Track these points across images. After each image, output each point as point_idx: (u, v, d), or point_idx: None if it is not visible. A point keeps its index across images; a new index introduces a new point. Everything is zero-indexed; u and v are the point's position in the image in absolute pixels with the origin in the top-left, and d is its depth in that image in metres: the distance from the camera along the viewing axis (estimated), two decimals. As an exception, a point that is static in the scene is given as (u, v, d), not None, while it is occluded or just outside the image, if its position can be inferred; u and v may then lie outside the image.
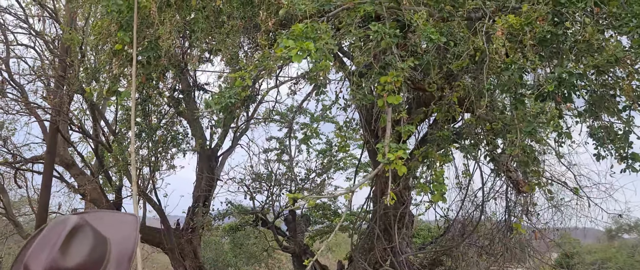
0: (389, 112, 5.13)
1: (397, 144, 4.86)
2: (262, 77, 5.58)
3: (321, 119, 14.17)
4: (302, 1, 4.84)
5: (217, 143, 13.95)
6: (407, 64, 4.98)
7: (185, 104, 13.04)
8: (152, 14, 5.84)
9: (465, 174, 9.16)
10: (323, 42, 4.62)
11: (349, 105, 7.35)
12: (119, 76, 6.45)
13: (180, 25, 8.43)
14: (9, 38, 13.22)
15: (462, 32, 5.45)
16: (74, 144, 14.15)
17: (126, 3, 5.56)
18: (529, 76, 5.58)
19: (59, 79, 12.58)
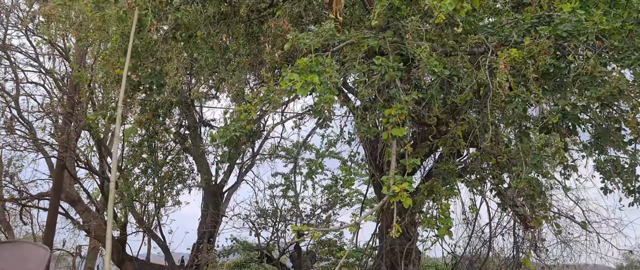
0: (394, 144, 5.14)
1: (402, 177, 4.84)
2: (267, 111, 5.62)
3: (326, 155, 14.20)
4: (306, 36, 4.93)
5: (222, 179, 13.95)
6: (411, 97, 5.02)
7: (191, 140, 13.12)
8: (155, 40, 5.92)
9: (471, 209, 9.08)
10: (327, 75, 4.67)
11: (353, 139, 7.36)
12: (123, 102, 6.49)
13: (187, 62, 8.57)
14: (19, 76, 13.45)
15: (465, 67, 5.50)
16: (80, 181, 14.17)
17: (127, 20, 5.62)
18: (534, 109, 5.60)
19: (67, 116, 12.71)
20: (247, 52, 8.02)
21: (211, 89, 12.26)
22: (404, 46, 5.20)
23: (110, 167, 13.99)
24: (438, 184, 6.31)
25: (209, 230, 13.15)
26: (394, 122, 4.96)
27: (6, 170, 13.79)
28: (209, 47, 6.59)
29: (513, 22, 5.61)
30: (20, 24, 12.73)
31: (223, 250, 13.78)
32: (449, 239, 8.23)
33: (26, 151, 12.98)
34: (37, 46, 13.45)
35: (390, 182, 4.79)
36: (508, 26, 5.62)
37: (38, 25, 13.05)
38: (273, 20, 6.02)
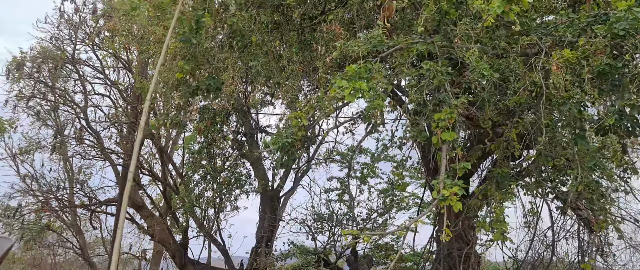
0: (444, 148, 5.15)
1: (452, 180, 4.86)
2: (319, 118, 5.76)
3: (381, 158, 14.22)
4: (355, 43, 5.03)
5: (279, 184, 14.25)
6: (461, 101, 5.03)
7: (248, 146, 13.50)
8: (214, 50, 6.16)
9: (532, 213, 8.88)
10: (376, 81, 4.76)
11: (404, 143, 7.38)
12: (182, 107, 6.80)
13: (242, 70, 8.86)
14: (87, 88, 14.25)
15: (518, 68, 5.44)
16: (144, 187, 14.85)
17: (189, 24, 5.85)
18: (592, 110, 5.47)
19: (131, 125, 13.38)
20: (301, 60, 8.21)
21: (266, 96, 12.59)
22: (453, 50, 5.22)
23: (172, 173, 14.61)
24: (492, 187, 6.25)
25: (267, 234, 13.46)
26: (443, 126, 4.98)
27: (77, 178, 14.65)
28: (263, 53, 6.80)
29: (568, 22, 5.50)
30: (88, 39, 13.51)
31: (281, 254, 14.06)
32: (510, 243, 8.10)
33: (95, 160, 13.72)
34: (103, 59, 14.23)
35: (440, 186, 4.81)
36: (562, 26, 5.52)
37: (103, 39, 13.82)
38: (326, 25, 6.16)
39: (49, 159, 14.82)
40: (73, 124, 13.83)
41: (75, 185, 14.59)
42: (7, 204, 14.67)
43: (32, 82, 13.87)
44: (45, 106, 14.25)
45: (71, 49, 13.62)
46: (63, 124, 14.36)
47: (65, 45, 13.63)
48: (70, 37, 13.46)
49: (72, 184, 14.92)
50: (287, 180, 14.23)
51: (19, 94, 14.11)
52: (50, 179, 14.91)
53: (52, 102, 14.13)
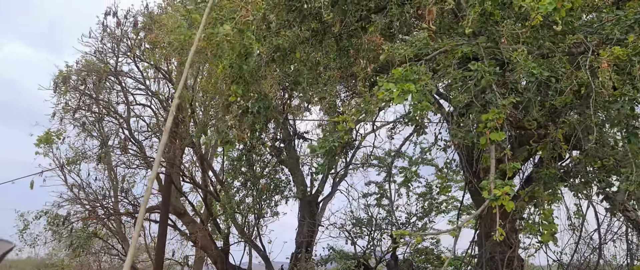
0: (492, 149, 5.13)
1: (503, 181, 4.84)
2: (363, 120, 5.81)
3: (420, 162, 14.15)
4: (401, 47, 5.08)
5: (317, 189, 14.33)
6: (509, 101, 5.01)
7: (286, 152, 13.64)
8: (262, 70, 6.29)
9: (577, 215, 8.71)
10: (423, 83, 4.79)
11: (449, 145, 7.36)
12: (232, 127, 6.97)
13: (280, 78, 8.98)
14: (129, 99, 14.66)
15: (564, 67, 5.39)
16: (185, 194, 15.15)
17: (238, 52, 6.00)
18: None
19: (173, 134, 13.68)
20: (338, 66, 8.28)
21: (303, 102, 12.71)
22: (499, 51, 5.20)
23: (212, 179, 14.86)
24: (539, 188, 6.18)
25: (307, 239, 13.54)
26: (491, 126, 4.97)
27: (121, 186, 15.04)
28: (307, 67, 6.90)
29: (614, 19, 5.42)
30: (129, 52, 13.89)
31: (320, 259, 14.10)
32: (554, 246, 7.95)
33: (138, 169, 14.06)
34: (144, 71, 14.61)
35: (491, 186, 4.80)
36: (609, 24, 5.44)
37: (144, 51, 14.20)
38: (366, 36, 6.22)
39: (95, 169, 15.28)
40: (117, 134, 14.22)
41: (119, 193, 14.99)
42: (56, 213, 15.17)
43: (78, 94, 14.34)
44: (90, 118, 14.70)
45: (114, 61, 14.03)
46: (107, 134, 14.80)
47: (108, 58, 14.05)
48: (113, 50, 13.87)
49: (116, 193, 15.33)
50: (325, 186, 14.29)
51: (66, 106, 14.60)
52: (96, 188, 15.36)
53: (96, 114, 14.58)
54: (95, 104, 14.59)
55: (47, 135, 15.09)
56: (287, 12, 7.03)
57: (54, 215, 15.13)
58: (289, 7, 6.98)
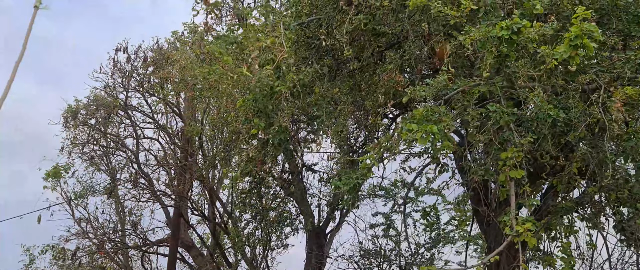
0: (512, 185, 5.34)
1: (525, 217, 5.03)
2: (385, 158, 6.03)
3: (425, 192, 14.30)
4: (422, 89, 5.32)
5: (324, 221, 14.43)
6: (527, 140, 5.23)
7: (294, 184, 13.79)
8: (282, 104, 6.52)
9: (589, 245, 8.85)
10: (444, 124, 5.02)
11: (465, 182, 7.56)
12: (253, 159, 7.15)
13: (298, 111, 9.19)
14: (138, 133, 14.87)
15: (577, 106, 5.63)
16: (193, 227, 15.24)
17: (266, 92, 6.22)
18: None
19: (182, 168, 13.85)
20: (351, 101, 8.53)
21: (311, 134, 12.92)
22: (515, 90, 5.45)
23: (220, 211, 14.97)
24: (555, 221, 6.36)
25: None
26: (511, 164, 5.18)
27: (129, 219, 15.15)
28: (325, 101, 7.14)
29: (624, 59, 5.69)
30: (139, 87, 14.17)
31: (330, 291, 14.13)
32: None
33: (148, 202, 14.18)
34: (153, 105, 14.86)
35: (512, 223, 4.98)
36: (619, 62, 5.71)
37: (153, 85, 14.48)
38: (385, 74, 6.48)
39: (103, 203, 15.39)
40: (127, 168, 14.39)
41: (127, 227, 15.08)
42: (62, 247, 15.22)
43: (87, 128, 14.55)
44: (98, 151, 14.89)
45: (123, 96, 14.29)
46: (115, 167, 14.97)
47: (118, 93, 14.31)
48: (123, 85, 14.14)
49: (123, 226, 15.42)
50: (333, 217, 14.40)
51: (74, 140, 14.80)
52: (103, 222, 15.45)
53: (105, 147, 14.77)
54: (103, 138, 14.79)
55: (55, 170, 15.25)
56: (305, 49, 7.30)
57: (59, 249, 15.18)
58: (308, 44, 7.26)
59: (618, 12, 6.33)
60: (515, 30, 4.97)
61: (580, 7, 4.82)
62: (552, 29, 4.98)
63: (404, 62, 6.79)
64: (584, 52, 4.66)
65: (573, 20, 4.74)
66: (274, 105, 6.15)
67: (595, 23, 6.35)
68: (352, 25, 6.43)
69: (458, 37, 5.32)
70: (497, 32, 5.03)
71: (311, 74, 6.69)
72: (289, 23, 6.57)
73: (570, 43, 4.64)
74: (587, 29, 4.59)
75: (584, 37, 4.59)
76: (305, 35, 7.05)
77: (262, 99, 6.06)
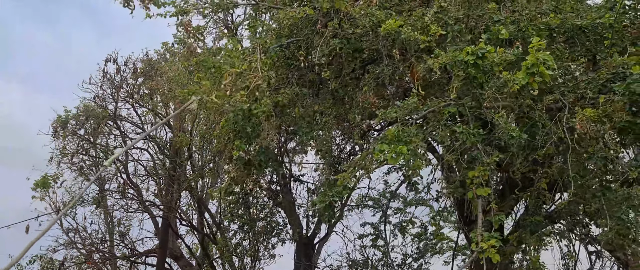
0: (479, 203, 5.66)
1: (490, 233, 5.35)
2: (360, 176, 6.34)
3: (414, 203, 14.62)
4: (393, 110, 5.65)
5: (313, 231, 14.72)
6: (493, 159, 5.57)
7: (282, 195, 14.09)
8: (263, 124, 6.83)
9: (569, 257, 9.19)
10: (414, 144, 5.34)
11: (441, 195, 7.89)
12: (238, 179, 7.44)
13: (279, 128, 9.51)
14: (127, 143, 15.13)
15: (544, 124, 5.97)
16: (182, 237, 15.51)
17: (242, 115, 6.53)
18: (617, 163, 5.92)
19: (171, 178, 14.14)
20: (334, 114, 8.86)
21: (299, 145, 13.24)
22: (482, 111, 5.79)
23: (208, 222, 15.24)
24: (526, 235, 6.70)
25: (303, 282, 13.87)
26: (477, 182, 5.51)
27: (118, 230, 15.40)
28: (305, 120, 7.46)
29: (588, 79, 6.05)
30: (128, 97, 14.45)
31: (318, 301, 14.40)
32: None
33: (136, 213, 14.44)
34: (143, 115, 15.15)
35: (478, 239, 5.30)
36: (583, 83, 6.07)
37: (143, 96, 14.77)
38: (361, 96, 6.81)
39: (91, 212, 15.63)
40: (115, 178, 14.65)
41: (116, 237, 15.33)
42: (51, 257, 15.44)
43: (76, 139, 14.81)
44: (87, 162, 15.15)
45: (113, 106, 14.58)
46: (104, 177, 15.23)
47: (107, 103, 14.59)
48: (113, 95, 14.42)
49: (112, 236, 15.66)
50: (321, 227, 14.70)
51: (63, 150, 15.05)
52: (91, 232, 15.69)
53: (94, 158, 15.03)
54: (92, 148, 15.05)
55: (44, 180, 15.48)
56: (286, 69, 7.64)
57: (48, 259, 15.40)
58: (288, 65, 7.59)
59: (584, 34, 6.70)
60: (480, 55, 5.32)
61: (535, 38, 5.17)
62: (514, 55, 5.33)
63: (378, 83, 7.14)
64: (540, 79, 5.00)
65: (530, 50, 5.09)
66: (252, 127, 6.45)
67: (563, 43, 6.78)
68: (329, 47, 6.76)
69: (427, 61, 5.66)
70: (464, 56, 5.38)
71: (290, 94, 7.01)
72: (268, 46, 6.90)
73: (527, 71, 4.99)
74: (542, 58, 4.94)
75: (540, 65, 4.94)
76: (285, 56, 7.39)
77: (240, 122, 6.35)
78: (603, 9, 6.64)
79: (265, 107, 6.05)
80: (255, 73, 5.89)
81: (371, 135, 9.59)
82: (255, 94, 5.99)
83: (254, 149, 6.95)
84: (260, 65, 6.02)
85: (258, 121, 6.36)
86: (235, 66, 5.95)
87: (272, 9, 7.81)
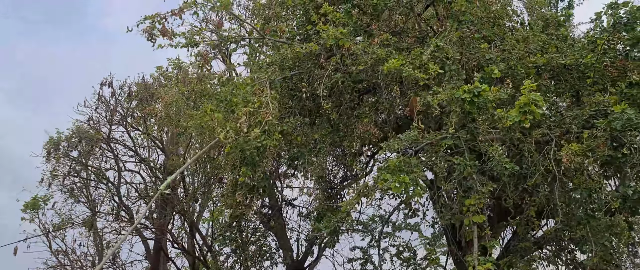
0: (475, 229, 6.16)
1: (485, 257, 5.84)
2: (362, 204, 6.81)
3: (403, 227, 15.07)
4: (395, 142, 6.18)
5: (303, 255, 15.07)
6: (487, 188, 6.09)
7: (274, 219, 14.45)
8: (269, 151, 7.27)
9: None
10: (415, 174, 5.85)
11: (437, 222, 8.39)
12: (241, 203, 7.83)
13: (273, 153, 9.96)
14: (119, 165, 15.42)
15: (532, 156, 6.54)
16: (173, 260, 15.74)
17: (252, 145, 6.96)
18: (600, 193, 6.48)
19: (163, 201, 14.44)
20: (330, 142, 9.36)
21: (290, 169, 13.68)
22: (477, 144, 6.34)
23: (200, 244, 15.51)
24: (516, 260, 7.21)
25: (294, 305, 14.17)
26: (473, 210, 6.03)
27: (107, 252, 15.58)
28: (307, 149, 7.94)
29: (573, 115, 6.65)
30: (123, 120, 14.80)
31: (308, 325, 14.68)
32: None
33: (130, 235, 14.67)
34: (136, 138, 15.48)
35: (474, 263, 5.79)
36: (569, 118, 6.66)
37: (137, 119, 15.12)
38: (361, 126, 7.34)
39: (80, 235, 15.81)
40: (108, 200, 14.90)
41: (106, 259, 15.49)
42: (38, 279, 15.55)
43: (68, 160, 15.07)
44: (78, 183, 15.39)
45: (107, 129, 14.90)
46: (95, 199, 15.47)
47: (101, 126, 14.91)
48: (107, 118, 14.76)
49: (101, 259, 15.82)
50: (312, 251, 15.04)
51: (53, 171, 15.28)
52: (80, 254, 15.84)
53: (85, 179, 15.28)
54: (84, 170, 15.30)
55: (34, 201, 15.64)
56: (289, 99, 8.14)
57: (35, 281, 15.50)
58: (291, 95, 8.10)
59: (569, 72, 7.34)
60: (477, 93, 5.88)
61: (528, 81, 5.76)
62: (506, 94, 5.91)
63: (378, 114, 7.69)
64: (532, 116, 5.56)
65: (522, 90, 5.68)
66: (260, 156, 6.88)
67: (549, 80, 7.40)
68: (331, 80, 7.30)
69: (426, 98, 6.21)
70: (461, 94, 5.93)
71: (294, 124, 7.51)
72: (274, 78, 7.41)
73: (520, 109, 5.56)
74: (533, 98, 5.51)
75: (531, 105, 5.52)
76: (288, 87, 7.90)
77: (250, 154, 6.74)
78: (585, 50, 7.28)
79: (276, 141, 6.51)
80: (266, 109, 6.36)
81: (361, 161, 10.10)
82: (266, 127, 6.44)
83: (258, 175, 7.38)
84: (270, 101, 6.50)
85: (265, 150, 6.80)
86: (249, 103, 6.42)
87: (275, 43, 8.34)
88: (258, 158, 6.77)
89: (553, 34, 7.72)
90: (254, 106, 6.36)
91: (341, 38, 7.07)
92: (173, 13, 6.81)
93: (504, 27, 7.99)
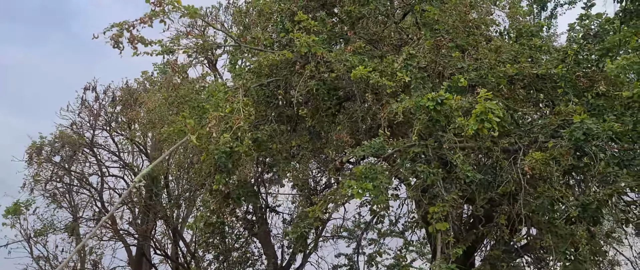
0: (439, 237, 6.34)
1: (447, 264, 6.02)
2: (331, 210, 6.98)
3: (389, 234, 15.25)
4: (361, 149, 6.36)
5: (288, 261, 15.22)
6: (451, 196, 6.28)
7: (258, 225, 14.61)
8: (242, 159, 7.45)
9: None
10: (379, 181, 6.03)
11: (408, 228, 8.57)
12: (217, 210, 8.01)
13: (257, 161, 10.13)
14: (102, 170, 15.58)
15: (501, 164, 6.73)
16: (156, 266, 15.87)
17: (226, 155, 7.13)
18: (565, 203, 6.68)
19: (146, 207, 14.60)
20: (310, 148, 9.54)
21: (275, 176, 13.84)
22: (444, 152, 6.53)
23: (183, 251, 15.65)
24: (485, 268, 7.39)
25: (277, 313, 14.31)
26: (437, 218, 6.21)
27: (90, 259, 15.71)
28: (282, 156, 8.12)
29: (541, 124, 6.85)
30: (106, 125, 14.97)
31: (291, 332, 14.81)
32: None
33: (111, 241, 14.81)
34: (120, 143, 15.64)
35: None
36: (536, 128, 6.86)
37: (121, 124, 15.29)
38: (335, 134, 7.54)
39: (62, 240, 15.93)
40: (90, 206, 15.05)
41: (88, 266, 15.62)
42: (19, 286, 15.65)
43: (50, 165, 15.21)
44: (61, 189, 15.53)
45: (90, 133, 15.06)
46: (78, 205, 15.61)
47: (84, 130, 15.08)
48: (90, 123, 14.92)
49: (84, 265, 15.95)
50: (296, 257, 15.20)
51: (36, 176, 15.42)
52: (62, 260, 15.95)
53: (68, 185, 15.42)
54: (67, 175, 15.45)
55: (15, 206, 15.77)
56: (265, 107, 8.33)
57: (17, 288, 15.60)
58: (268, 103, 8.29)
59: (542, 81, 7.55)
60: (440, 101, 6.07)
61: (483, 90, 5.95)
62: (468, 103, 6.10)
63: (353, 121, 7.89)
64: (490, 125, 5.75)
65: (478, 99, 5.87)
66: (233, 162, 7.06)
67: (522, 89, 7.60)
68: (307, 87, 7.49)
69: (392, 105, 6.41)
70: (425, 102, 6.13)
71: (269, 131, 7.69)
72: (249, 86, 7.60)
73: (477, 118, 5.75)
74: (489, 107, 5.70)
75: (488, 113, 5.70)
76: (265, 94, 8.09)
77: (222, 159, 6.92)
78: (556, 60, 7.49)
79: (246, 147, 6.68)
80: (237, 115, 6.53)
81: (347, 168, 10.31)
82: (237, 133, 6.61)
83: (233, 183, 7.56)
84: (242, 107, 6.68)
85: (238, 157, 6.98)
86: (219, 108, 6.60)
87: (252, 50, 8.53)
88: (231, 165, 6.94)
89: (525, 44, 7.93)
90: (224, 111, 6.54)
91: (313, 46, 7.27)
92: (142, 21, 6.98)
93: (479, 36, 8.19)
